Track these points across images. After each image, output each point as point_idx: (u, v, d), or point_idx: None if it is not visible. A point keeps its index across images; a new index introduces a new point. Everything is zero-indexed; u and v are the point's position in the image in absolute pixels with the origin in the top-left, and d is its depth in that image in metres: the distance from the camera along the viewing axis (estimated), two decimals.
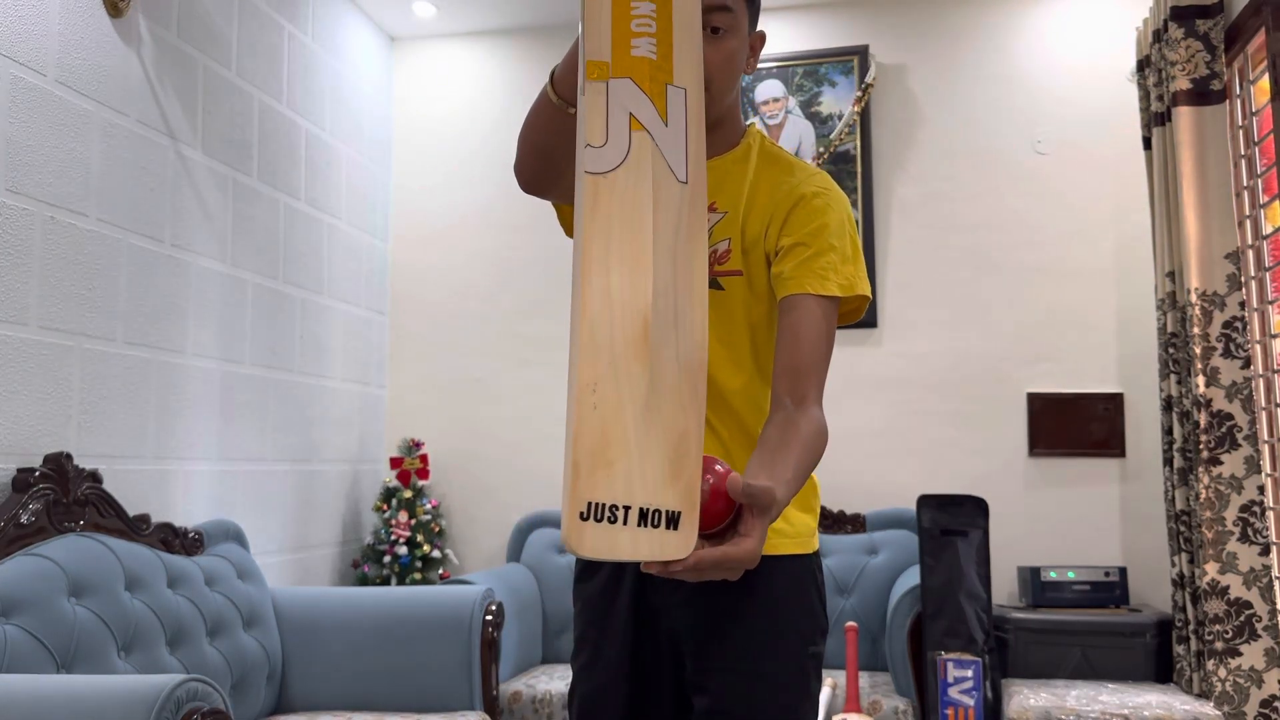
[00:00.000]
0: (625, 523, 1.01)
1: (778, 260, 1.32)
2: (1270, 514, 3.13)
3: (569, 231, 1.41)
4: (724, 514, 1.08)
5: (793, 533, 1.40)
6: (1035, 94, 3.96)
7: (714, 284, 1.34)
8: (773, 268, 1.33)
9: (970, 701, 3.03)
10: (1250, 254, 3.33)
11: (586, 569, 1.52)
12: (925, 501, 3.27)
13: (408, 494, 3.97)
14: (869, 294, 1.35)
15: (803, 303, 1.27)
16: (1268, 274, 3.27)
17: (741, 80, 1.43)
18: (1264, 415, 3.22)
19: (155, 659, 2.46)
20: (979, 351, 3.92)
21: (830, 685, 3.05)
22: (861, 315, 1.37)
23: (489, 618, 2.93)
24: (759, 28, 1.40)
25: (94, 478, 2.52)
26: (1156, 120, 3.44)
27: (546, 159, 1.31)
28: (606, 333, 1.05)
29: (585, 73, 1.12)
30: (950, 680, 3.05)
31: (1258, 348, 3.28)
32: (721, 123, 1.38)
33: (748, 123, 1.51)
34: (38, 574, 2.22)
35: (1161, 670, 3.31)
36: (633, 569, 1.44)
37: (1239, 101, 3.37)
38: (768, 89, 4.12)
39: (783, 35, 4.17)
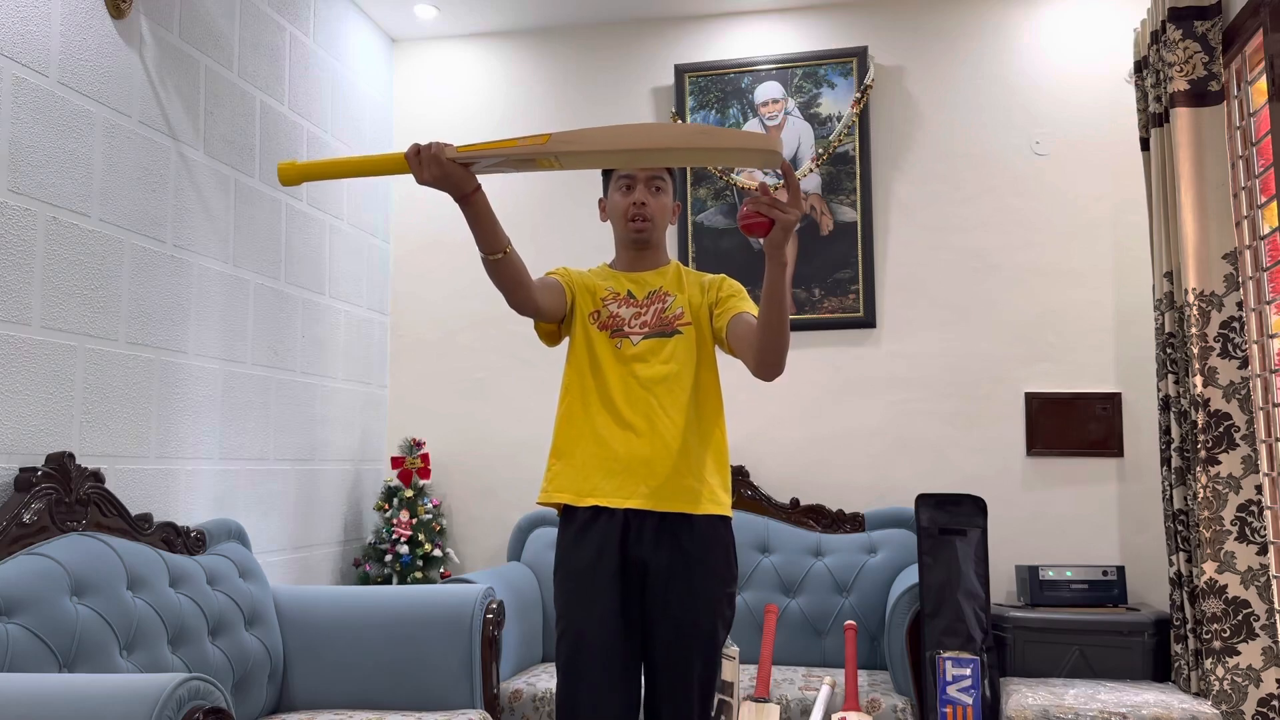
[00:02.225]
0: None
1: (720, 305, 2.25)
2: (1268, 513, 3.14)
3: (546, 342, 2.31)
4: (768, 225, 1.84)
5: (728, 503, 2.22)
6: (1034, 95, 3.97)
7: (677, 331, 2.24)
8: (716, 309, 2.26)
9: (968, 700, 3.04)
10: (1248, 254, 3.34)
11: (575, 543, 2.17)
12: (924, 500, 3.28)
13: (409, 493, 3.98)
14: None
15: (746, 315, 2.20)
16: (1265, 274, 3.28)
17: (669, 221, 2.34)
18: (1261, 415, 3.23)
19: (157, 658, 2.47)
20: (977, 351, 3.93)
21: (829, 684, 3.06)
22: None
23: (490, 616, 2.94)
24: (677, 199, 2.68)
25: (96, 477, 2.53)
26: (1154, 121, 3.45)
27: (514, 290, 2.09)
28: None
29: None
30: (949, 679, 3.07)
31: (1255, 348, 3.29)
32: (658, 247, 2.33)
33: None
34: (40, 573, 2.23)
35: (1159, 669, 3.32)
36: (616, 535, 2.13)
37: (1237, 102, 3.38)
38: (767, 90, 4.13)
39: (782, 37, 4.19)
